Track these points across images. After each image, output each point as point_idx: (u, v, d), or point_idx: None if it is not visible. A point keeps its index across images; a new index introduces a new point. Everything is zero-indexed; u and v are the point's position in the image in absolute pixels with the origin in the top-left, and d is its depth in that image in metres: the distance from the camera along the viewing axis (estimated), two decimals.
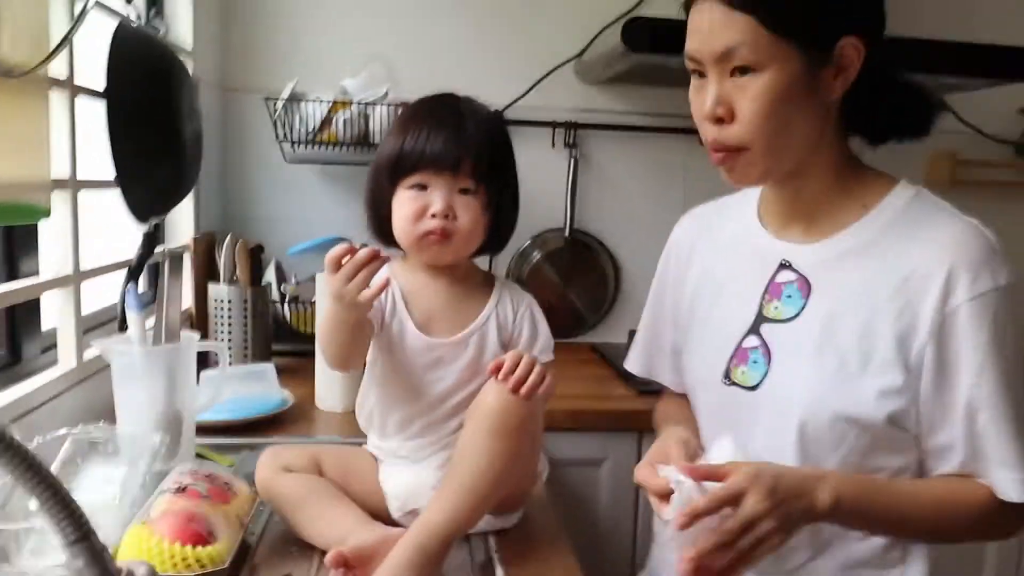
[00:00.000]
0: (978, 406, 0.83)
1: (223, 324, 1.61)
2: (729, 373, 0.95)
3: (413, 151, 0.93)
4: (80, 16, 1.07)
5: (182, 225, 1.75)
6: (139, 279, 1.23)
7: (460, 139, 0.93)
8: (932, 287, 0.83)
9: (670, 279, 1.10)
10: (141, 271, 1.28)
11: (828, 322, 0.88)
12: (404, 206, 0.94)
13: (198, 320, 1.74)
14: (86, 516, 0.42)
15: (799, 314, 0.90)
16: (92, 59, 1.23)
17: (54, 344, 1.24)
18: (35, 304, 1.27)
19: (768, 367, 0.91)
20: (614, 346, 2.06)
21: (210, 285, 1.64)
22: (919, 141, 0.91)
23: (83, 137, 1.21)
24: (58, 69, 1.14)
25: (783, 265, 0.93)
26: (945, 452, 0.86)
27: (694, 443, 0.90)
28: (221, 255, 1.64)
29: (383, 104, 1.82)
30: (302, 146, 1.86)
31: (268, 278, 1.80)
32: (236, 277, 1.64)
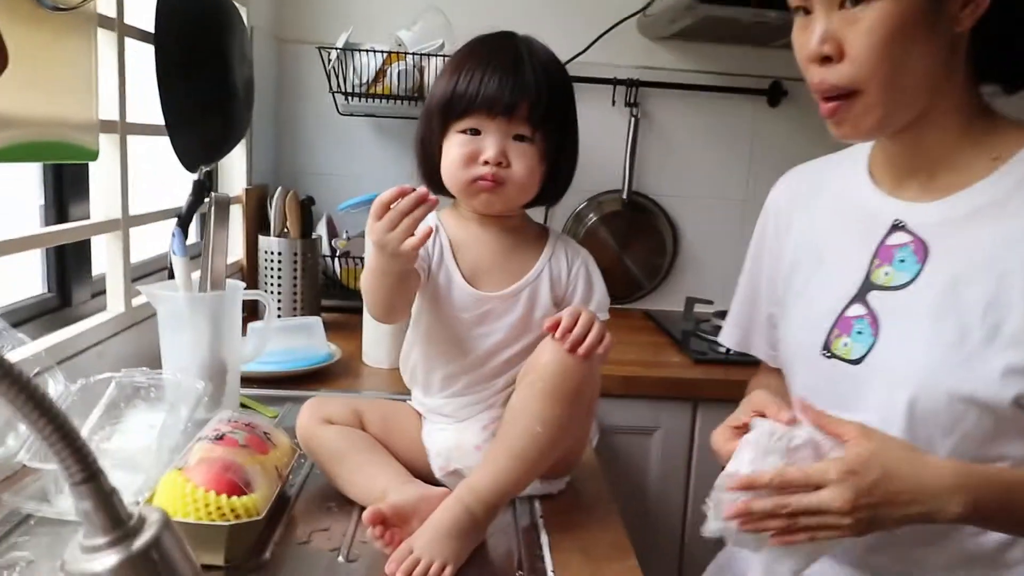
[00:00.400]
0: None
1: (273, 276, 1.60)
2: (829, 345, 0.85)
3: (466, 93, 0.87)
4: None
5: (235, 177, 1.74)
6: (188, 228, 1.21)
7: (517, 82, 0.86)
8: None
9: (767, 245, 0.99)
10: (191, 219, 1.26)
11: (948, 290, 0.77)
12: (454, 151, 0.89)
13: (249, 272, 1.73)
14: (94, 455, 0.38)
15: (913, 280, 0.80)
16: (143, 1, 1.20)
17: (104, 290, 1.24)
18: (86, 249, 1.27)
19: (875, 339, 0.81)
20: (669, 313, 2.00)
21: (260, 237, 1.62)
22: None
23: (134, 82, 1.19)
24: (107, 8, 1.12)
25: (896, 226, 0.83)
26: None
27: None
28: (272, 207, 1.63)
29: (439, 56, 1.77)
30: (356, 99, 1.82)
31: (319, 232, 1.78)
32: (287, 230, 1.62)
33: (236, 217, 1.70)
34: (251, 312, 1.54)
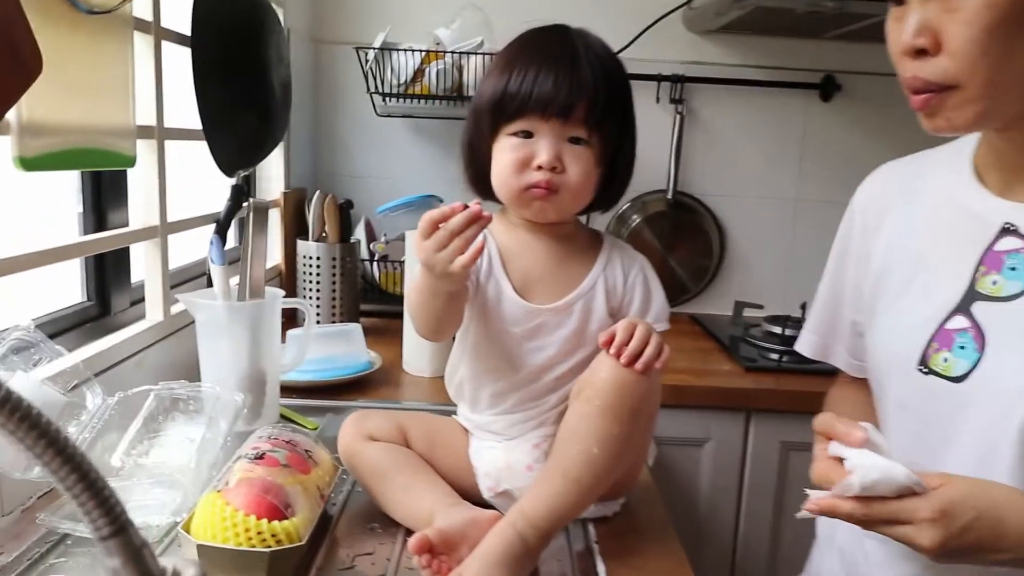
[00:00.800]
0: None
1: (311, 282, 1.57)
2: (926, 360, 0.77)
3: (518, 93, 0.81)
4: None
5: (273, 181, 1.71)
6: (226, 234, 1.18)
7: (574, 80, 0.81)
8: None
9: (853, 247, 0.91)
10: (229, 225, 1.24)
11: None
12: (505, 155, 0.83)
13: (287, 277, 1.71)
14: (123, 505, 0.34)
15: None
16: (179, 3, 1.18)
17: (143, 297, 1.21)
18: (125, 257, 1.25)
19: (980, 354, 0.74)
20: (717, 317, 1.93)
21: (299, 242, 1.60)
22: None
23: (171, 86, 1.17)
24: (143, 11, 1.09)
25: (1007, 230, 0.75)
26: None
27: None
28: (310, 211, 1.60)
29: (478, 54, 1.72)
30: (393, 99, 1.79)
31: (357, 236, 1.75)
32: (325, 234, 1.59)
33: (274, 221, 1.67)
34: (289, 318, 1.52)
